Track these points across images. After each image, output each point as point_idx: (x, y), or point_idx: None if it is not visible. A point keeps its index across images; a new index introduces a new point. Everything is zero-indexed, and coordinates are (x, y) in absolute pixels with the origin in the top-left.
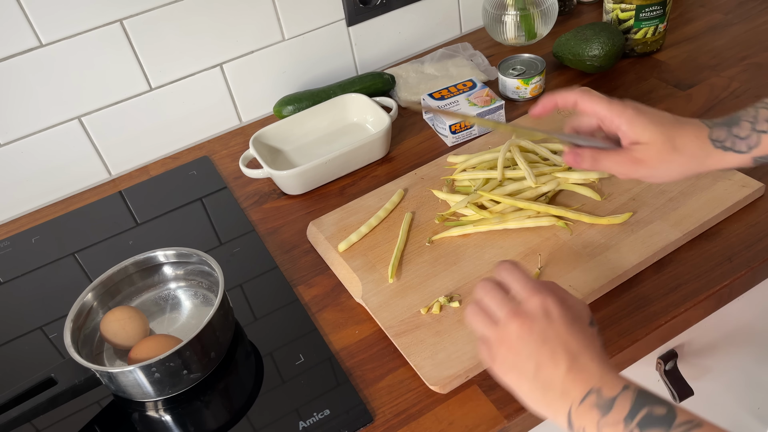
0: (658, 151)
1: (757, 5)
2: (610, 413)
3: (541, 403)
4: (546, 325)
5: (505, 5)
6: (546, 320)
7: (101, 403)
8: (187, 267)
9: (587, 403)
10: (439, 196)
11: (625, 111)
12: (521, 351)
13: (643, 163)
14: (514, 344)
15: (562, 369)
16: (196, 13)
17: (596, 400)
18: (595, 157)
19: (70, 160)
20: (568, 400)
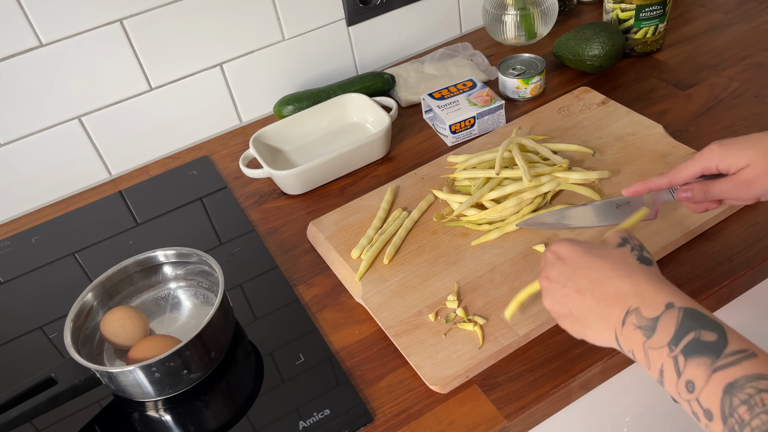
0: (762, 167)
1: (757, 5)
2: (654, 336)
3: (595, 337)
4: (562, 269)
5: (505, 5)
6: (560, 263)
7: (101, 403)
8: (187, 267)
9: (629, 325)
10: (439, 196)
11: (712, 154)
12: (553, 301)
13: (753, 183)
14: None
15: (592, 300)
16: (196, 13)
17: (637, 321)
18: (705, 189)
19: (70, 160)
20: (611, 326)
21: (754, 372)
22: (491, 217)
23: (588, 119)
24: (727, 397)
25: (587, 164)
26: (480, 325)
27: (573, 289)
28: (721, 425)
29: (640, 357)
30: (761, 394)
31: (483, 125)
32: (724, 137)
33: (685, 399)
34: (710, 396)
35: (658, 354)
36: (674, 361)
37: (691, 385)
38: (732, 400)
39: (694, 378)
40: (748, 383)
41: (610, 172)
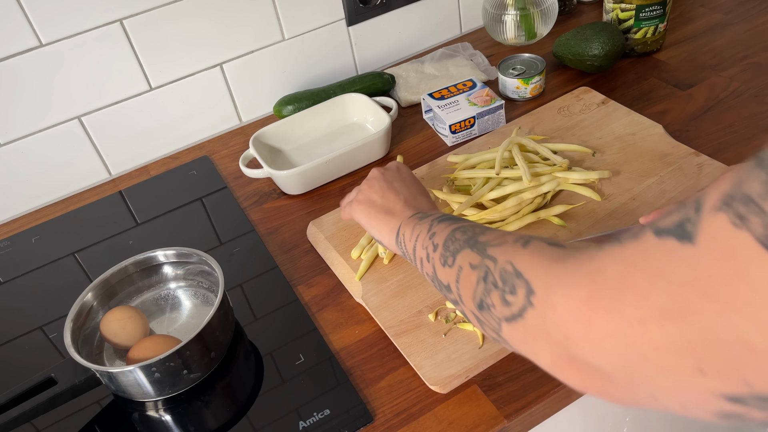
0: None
1: (757, 5)
2: (425, 219)
3: (382, 224)
4: (395, 173)
5: (505, 5)
6: (396, 171)
7: (101, 403)
8: (187, 267)
9: (413, 218)
10: (439, 197)
11: None
12: (374, 186)
13: None
14: (370, 182)
15: (401, 200)
16: (196, 13)
17: (420, 215)
18: None
19: (70, 160)
20: (401, 218)
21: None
22: (491, 217)
23: (588, 119)
24: (453, 232)
25: (587, 164)
26: None
27: (395, 188)
28: (441, 249)
29: (407, 234)
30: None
31: (483, 125)
32: (724, 137)
33: (424, 246)
34: (441, 234)
35: (420, 226)
36: (429, 225)
37: (434, 234)
38: (455, 233)
39: (437, 230)
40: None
41: (610, 172)
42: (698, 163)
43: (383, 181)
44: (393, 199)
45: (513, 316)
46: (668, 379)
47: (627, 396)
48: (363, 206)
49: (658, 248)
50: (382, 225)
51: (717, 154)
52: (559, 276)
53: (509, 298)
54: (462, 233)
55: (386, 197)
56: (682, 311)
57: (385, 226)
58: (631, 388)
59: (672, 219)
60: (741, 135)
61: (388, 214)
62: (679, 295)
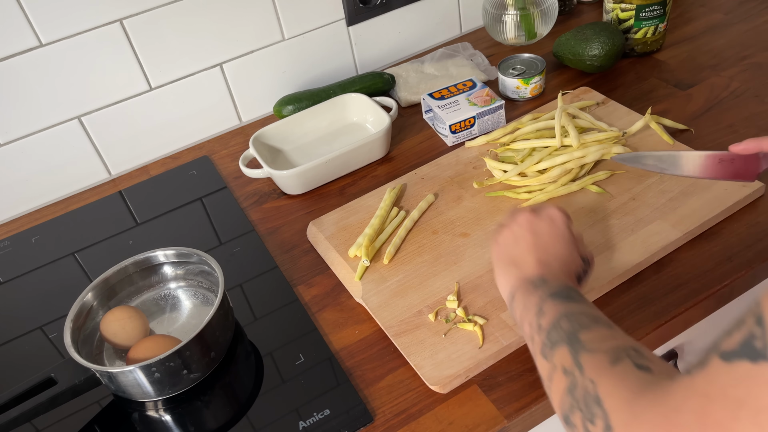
0: None
1: (757, 5)
2: (540, 289)
3: (503, 273)
4: (545, 225)
5: (505, 5)
6: (548, 222)
7: (101, 403)
8: (187, 267)
9: (531, 283)
10: (488, 164)
11: None
12: (515, 232)
13: None
14: (513, 227)
15: (532, 257)
16: (196, 13)
17: (539, 283)
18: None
19: (70, 160)
20: (521, 275)
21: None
22: (531, 185)
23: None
24: (560, 317)
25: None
26: (480, 325)
27: (533, 242)
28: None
29: (519, 301)
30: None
31: (483, 125)
32: (724, 137)
33: (530, 323)
34: (549, 317)
35: (533, 297)
36: (540, 300)
37: (541, 312)
38: (561, 320)
39: (547, 309)
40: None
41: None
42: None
43: (527, 231)
44: (524, 253)
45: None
46: None
47: None
48: (497, 246)
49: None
50: (502, 276)
51: None
52: (636, 414)
53: (590, 427)
54: (568, 322)
55: (519, 247)
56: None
57: (504, 277)
58: None
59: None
60: (741, 135)
61: (511, 266)
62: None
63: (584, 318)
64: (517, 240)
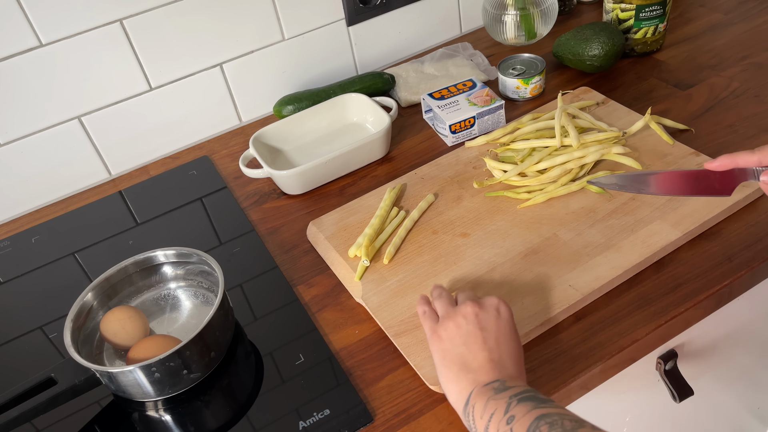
0: None
1: (757, 5)
2: (501, 394)
3: (452, 379)
4: (492, 319)
5: (505, 5)
6: (494, 315)
7: (101, 403)
8: (187, 267)
9: (489, 387)
10: (488, 164)
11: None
12: (461, 327)
13: None
14: (459, 321)
15: (485, 357)
16: (196, 13)
17: (498, 386)
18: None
19: (70, 160)
20: (476, 381)
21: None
22: (531, 184)
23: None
24: (536, 422)
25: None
26: None
27: (483, 339)
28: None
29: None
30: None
31: (483, 125)
32: (724, 137)
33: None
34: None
35: (495, 403)
36: (507, 405)
37: (512, 418)
38: (539, 423)
39: (516, 413)
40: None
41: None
42: (698, 163)
43: (474, 326)
44: (475, 352)
45: None
46: None
47: None
48: (440, 345)
49: None
50: (452, 379)
51: (717, 154)
52: None
53: None
54: (549, 428)
55: (469, 346)
56: None
57: (454, 382)
58: None
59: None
60: (741, 135)
61: (463, 370)
62: None
63: (567, 422)
64: (465, 338)
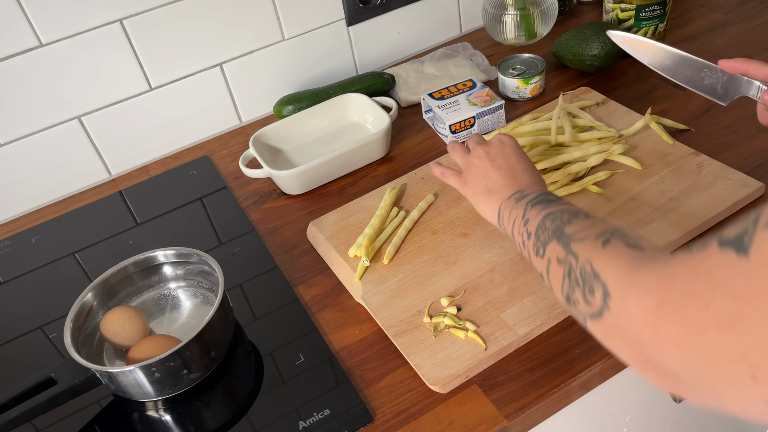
0: None
1: (757, 5)
2: (521, 201)
3: (485, 204)
4: (499, 149)
5: (505, 5)
6: (500, 145)
7: (101, 403)
8: (187, 267)
9: (511, 199)
10: None
11: None
12: (479, 166)
13: None
14: (475, 162)
15: (502, 177)
16: (196, 13)
17: (518, 196)
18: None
19: (70, 160)
20: (501, 198)
21: (567, 209)
22: None
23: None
24: (543, 220)
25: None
26: (473, 331)
27: (497, 166)
28: (534, 238)
29: (505, 217)
30: (564, 213)
31: (483, 125)
32: (724, 137)
33: (520, 233)
34: (534, 222)
35: (516, 210)
36: (524, 210)
37: (527, 220)
38: (545, 220)
39: (531, 216)
40: (560, 211)
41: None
42: (698, 163)
43: (487, 160)
44: (494, 178)
45: (593, 314)
46: (727, 385)
47: (698, 398)
48: (469, 186)
49: (719, 259)
50: (485, 206)
51: (717, 154)
52: (632, 281)
53: (589, 298)
54: (551, 221)
55: (489, 177)
56: (736, 320)
57: (487, 206)
58: (700, 391)
59: (734, 230)
60: (741, 135)
61: (490, 195)
62: (733, 304)
63: (565, 214)
64: (484, 172)
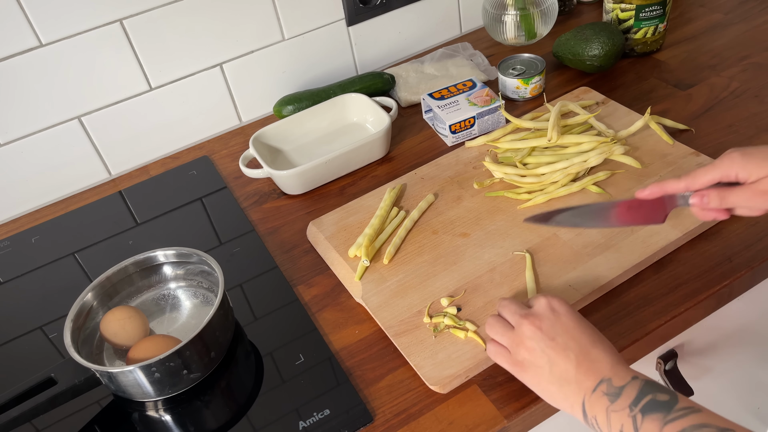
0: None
1: (757, 5)
2: (618, 400)
3: (558, 397)
4: (554, 321)
5: (505, 5)
6: (553, 316)
7: (101, 403)
8: (187, 267)
9: (598, 392)
10: (487, 166)
11: (733, 162)
12: (535, 348)
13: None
14: (528, 343)
15: (574, 362)
16: (196, 13)
17: (606, 389)
18: (722, 195)
19: (70, 160)
20: (581, 391)
21: (698, 422)
22: (531, 185)
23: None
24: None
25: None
26: (473, 331)
27: (561, 345)
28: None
29: (602, 420)
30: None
31: (483, 125)
32: (724, 137)
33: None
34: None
35: (619, 416)
36: (633, 420)
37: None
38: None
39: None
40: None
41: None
42: (698, 163)
43: (544, 339)
44: (563, 365)
45: None
46: None
47: None
48: (529, 374)
49: None
50: (561, 400)
51: (717, 154)
52: None
53: None
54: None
55: (554, 363)
56: None
57: (563, 401)
58: None
59: None
60: (741, 135)
61: (564, 386)
62: None
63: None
64: (546, 357)
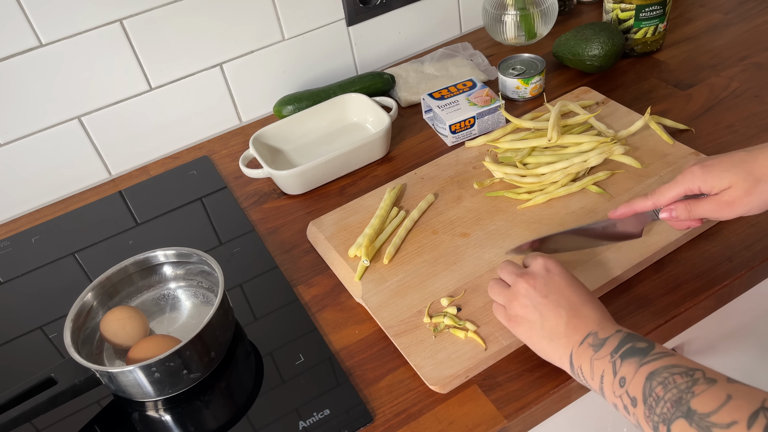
0: (743, 189)
1: (757, 5)
2: (601, 350)
3: (548, 350)
4: (548, 280)
5: (505, 5)
6: (547, 276)
7: (101, 403)
8: (187, 267)
9: (585, 344)
10: (487, 166)
11: (694, 176)
12: (528, 305)
13: (735, 204)
14: (521, 300)
15: (564, 318)
16: (196, 13)
17: (592, 340)
18: (689, 208)
19: (70, 160)
20: (570, 344)
21: (670, 363)
22: (531, 185)
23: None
24: (648, 383)
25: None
26: (473, 331)
27: (553, 302)
28: (642, 406)
29: (587, 370)
30: (674, 375)
31: (483, 125)
32: (724, 137)
33: (618, 395)
34: (636, 385)
35: (600, 363)
36: (612, 365)
37: (623, 380)
38: (651, 384)
39: (625, 374)
40: (665, 370)
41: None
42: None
43: (537, 297)
44: (554, 321)
45: None
46: None
47: None
48: (522, 328)
49: None
50: (550, 352)
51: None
52: None
53: None
54: (663, 388)
55: (546, 318)
56: None
57: (552, 353)
58: None
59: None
60: (741, 135)
61: (554, 340)
62: None
63: (677, 377)
64: (537, 312)
